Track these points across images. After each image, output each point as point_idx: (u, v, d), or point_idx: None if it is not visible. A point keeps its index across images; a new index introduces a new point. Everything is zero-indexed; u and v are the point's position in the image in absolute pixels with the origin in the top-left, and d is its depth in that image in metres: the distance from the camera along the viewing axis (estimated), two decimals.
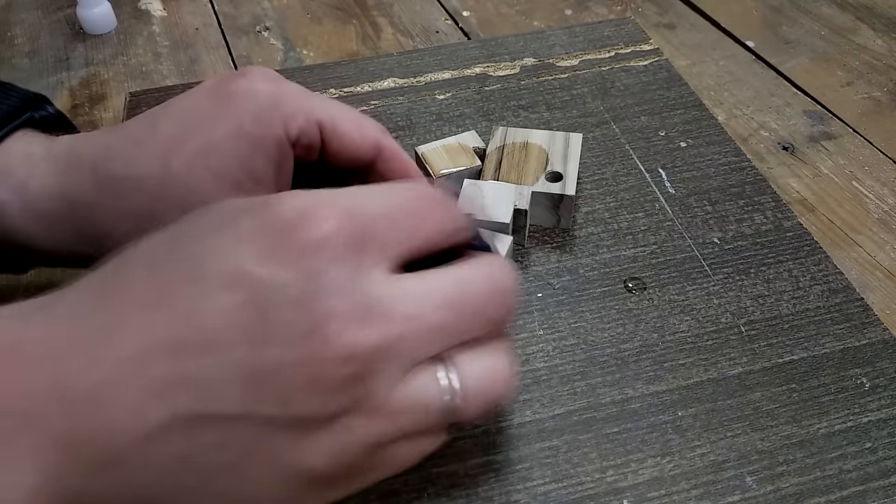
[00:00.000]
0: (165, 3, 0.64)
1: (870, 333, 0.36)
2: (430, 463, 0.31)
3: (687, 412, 0.33)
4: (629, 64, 0.53)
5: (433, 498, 0.30)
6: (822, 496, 0.30)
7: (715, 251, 0.40)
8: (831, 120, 0.50)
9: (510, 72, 0.52)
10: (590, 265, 0.39)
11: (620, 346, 0.36)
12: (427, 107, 0.49)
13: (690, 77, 0.53)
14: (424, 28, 0.60)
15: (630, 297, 0.38)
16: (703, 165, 0.45)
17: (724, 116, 0.50)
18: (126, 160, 0.30)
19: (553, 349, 0.35)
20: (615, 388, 0.34)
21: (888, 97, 0.52)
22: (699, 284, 0.38)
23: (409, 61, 0.53)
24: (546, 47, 0.54)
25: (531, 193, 0.39)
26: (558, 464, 0.31)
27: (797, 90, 0.53)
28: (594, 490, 0.31)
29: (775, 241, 0.40)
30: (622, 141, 0.46)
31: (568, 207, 0.40)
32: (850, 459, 0.31)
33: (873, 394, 0.34)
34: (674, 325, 0.36)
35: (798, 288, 0.38)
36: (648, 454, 0.32)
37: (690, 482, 0.31)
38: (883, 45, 0.57)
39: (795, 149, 0.48)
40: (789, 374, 0.34)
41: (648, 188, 0.43)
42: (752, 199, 0.43)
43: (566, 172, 0.40)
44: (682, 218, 0.42)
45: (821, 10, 0.60)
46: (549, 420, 0.33)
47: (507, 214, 0.37)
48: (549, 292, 0.38)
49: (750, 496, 0.30)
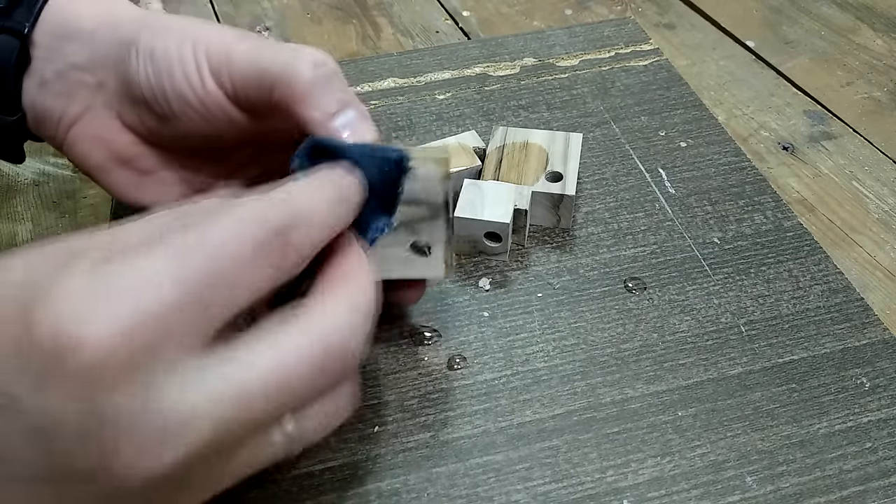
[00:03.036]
0: (165, 3, 0.64)
1: (870, 333, 0.36)
2: (430, 463, 0.31)
3: (687, 412, 0.33)
4: (629, 64, 0.53)
5: (433, 498, 0.30)
6: (822, 496, 0.30)
7: (715, 251, 0.40)
8: (831, 120, 0.50)
9: (510, 72, 0.52)
10: (590, 265, 0.39)
11: (620, 346, 0.36)
12: (427, 107, 0.49)
13: (690, 77, 0.53)
14: (424, 28, 0.60)
15: (630, 297, 0.38)
16: (703, 165, 0.45)
17: (724, 116, 0.50)
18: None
19: (553, 349, 0.35)
20: (615, 388, 0.34)
21: (888, 97, 0.52)
22: (699, 284, 0.38)
23: (409, 61, 0.53)
24: (546, 47, 0.54)
25: (531, 193, 0.39)
26: (558, 464, 0.31)
27: (797, 90, 0.53)
28: (594, 490, 0.31)
29: (775, 241, 0.40)
30: (622, 141, 0.46)
31: (568, 207, 0.40)
32: (850, 459, 0.31)
33: (873, 394, 0.34)
34: (674, 325, 0.36)
35: (798, 288, 0.38)
36: (648, 454, 0.32)
37: (690, 482, 0.31)
38: (883, 45, 0.57)
39: (795, 149, 0.48)
40: (789, 374, 0.34)
41: (648, 188, 0.43)
42: (752, 199, 0.43)
43: (566, 172, 0.40)
44: (682, 218, 0.42)
45: (821, 10, 0.60)
46: (549, 420, 0.33)
47: (507, 214, 0.37)
48: (549, 292, 0.38)
49: (750, 496, 0.30)
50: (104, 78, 0.32)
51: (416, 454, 0.32)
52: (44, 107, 0.32)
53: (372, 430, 0.32)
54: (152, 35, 0.31)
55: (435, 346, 0.36)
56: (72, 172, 0.47)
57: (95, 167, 0.33)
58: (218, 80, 0.30)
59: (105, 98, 0.32)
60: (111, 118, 0.33)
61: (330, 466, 0.31)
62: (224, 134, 0.32)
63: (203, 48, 0.30)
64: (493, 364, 0.35)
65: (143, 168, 0.34)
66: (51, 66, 0.32)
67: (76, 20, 0.32)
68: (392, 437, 0.32)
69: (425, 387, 0.34)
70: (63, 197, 0.46)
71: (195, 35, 0.30)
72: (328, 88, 0.29)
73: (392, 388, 0.34)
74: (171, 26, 0.31)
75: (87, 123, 0.33)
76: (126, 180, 0.34)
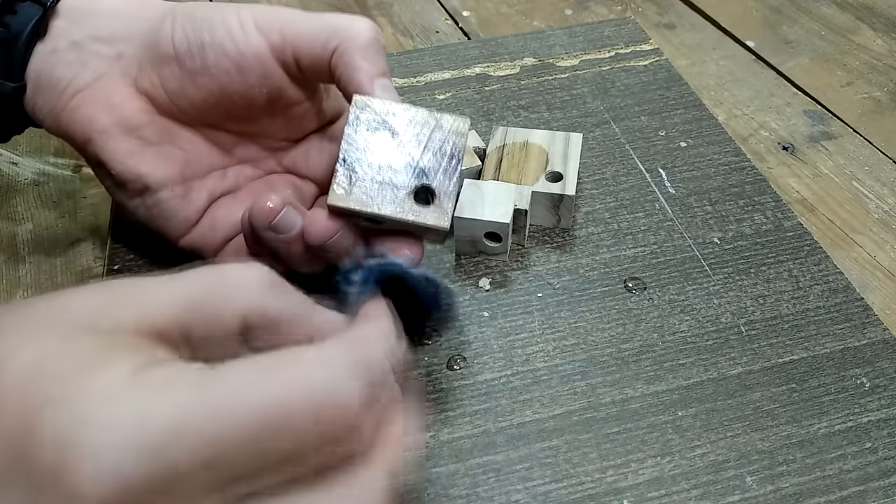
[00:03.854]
0: None
1: (870, 333, 0.36)
2: (430, 463, 0.31)
3: (687, 412, 0.33)
4: (629, 64, 0.53)
5: (433, 498, 0.30)
6: (822, 496, 0.30)
7: (715, 251, 0.40)
8: (831, 120, 0.50)
9: (510, 72, 0.52)
10: (590, 265, 0.39)
11: (620, 346, 0.36)
12: (427, 107, 0.49)
13: (690, 77, 0.53)
14: (424, 28, 0.60)
15: (630, 297, 0.38)
16: (703, 165, 0.45)
17: (724, 116, 0.50)
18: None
19: (553, 349, 0.35)
20: (615, 388, 0.34)
21: (888, 97, 0.52)
22: (699, 284, 0.38)
23: (409, 61, 0.53)
24: (546, 47, 0.54)
25: (531, 193, 0.39)
26: (558, 464, 0.31)
27: (797, 90, 0.53)
28: (594, 490, 0.31)
29: (775, 241, 0.40)
30: (622, 141, 0.46)
31: (568, 207, 0.40)
32: (850, 459, 0.31)
33: (873, 394, 0.34)
34: (674, 325, 0.36)
35: (798, 288, 0.38)
36: (648, 454, 0.32)
37: (690, 482, 0.31)
38: (883, 45, 0.57)
39: (795, 149, 0.48)
40: (789, 374, 0.34)
41: (648, 188, 0.43)
42: (752, 199, 0.43)
43: (566, 172, 0.40)
44: (682, 218, 0.42)
45: (821, 10, 0.60)
46: (549, 420, 0.33)
47: (507, 214, 0.37)
48: (549, 292, 0.38)
49: (750, 496, 0.30)
50: (124, 49, 0.33)
51: (417, 454, 0.32)
52: (50, 74, 0.33)
53: None
54: (192, 7, 0.33)
55: (435, 346, 0.36)
56: (72, 172, 0.47)
57: (99, 131, 0.33)
58: (266, 34, 0.32)
59: (123, 66, 0.33)
60: (126, 85, 0.33)
61: None
62: (250, 91, 0.33)
63: (248, 11, 0.32)
64: (493, 364, 0.35)
65: (146, 137, 0.34)
66: (68, 36, 0.33)
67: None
68: None
69: (425, 387, 0.34)
70: (63, 197, 0.46)
71: (237, 4, 0.33)
72: (382, 51, 0.32)
73: None
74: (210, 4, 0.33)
75: (96, 90, 0.33)
76: (126, 147, 0.33)
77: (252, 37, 0.32)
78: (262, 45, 0.32)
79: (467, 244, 0.39)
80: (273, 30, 0.32)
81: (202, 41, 0.32)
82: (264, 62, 0.32)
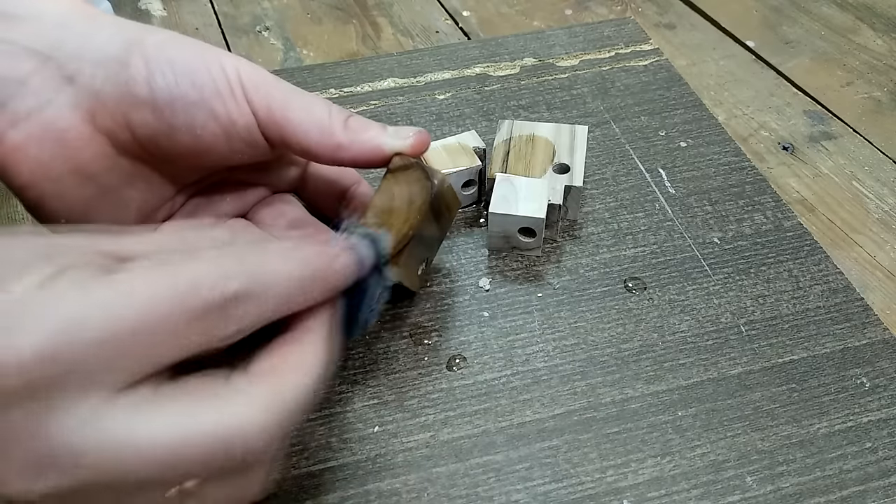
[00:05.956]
0: (165, 3, 0.64)
1: (870, 333, 0.36)
2: (430, 463, 0.31)
3: (687, 412, 0.33)
4: (629, 64, 0.53)
5: (433, 498, 0.30)
6: (822, 496, 0.30)
7: (715, 251, 0.40)
8: (831, 120, 0.50)
9: (510, 72, 0.52)
10: (590, 265, 0.39)
11: (620, 346, 0.36)
12: (427, 107, 0.49)
13: (690, 77, 0.53)
14: (424, 28, 0.60)
15: (630, 297, 0.38)
16: (703, 165, 0.45)
17: (724, 116, 0.50)
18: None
19: (553, 349, 0.35)
20: (615, 388, 0.34)
21: (888, 97, 0.52)
22: (699, 284, 0.38)
23: (409, 61, 0.53)
24: (546, 47, 0.54)
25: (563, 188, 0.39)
26: (558, 464, 0.31)
27: (797, 90, 0.53)
28: (594, 490, 0.31)
29: (775, 241, 0.40)
30: (622, 141, 0.46)
31: (576, 198, 0.40)
32: (850, 459, 0.31)
33: (873, 394, 0.34)
34: (674, 325, 0.36)
35: (798, 288, 0.38)
36: (648, 454, 0.32)
37: (690, 482, 0.31)
38: (883, 45, 0.57)
39: (795, 149, 0.48)
40: (789, 374, 0.34)
41: (648, 188, 0.43)
42: (752, 199, 0.43)
43: (573, 164, 0.40)
44: (682, 218, 0.42)
45: (821, 10, 0.60)
46: (549, 420, 0.33)
47: (542, 209, 0.37)
48: (549, 292, 0.38)
49: (750, 496, 0.30)
50: (74, 71, 0.28)
51: (416, 454, 0.32)
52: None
53: (372, 430, 0.32)
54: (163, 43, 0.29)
55: (435, 346, 0.36)
56: None
57: (52, 179, 0.28)
58: (255, 105, 0.29)
59: (75, 95, 0.28)
60: (81, 121, 0.28)
61: (330, 466, 0.31)
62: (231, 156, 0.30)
63: (233, 66, 0.29)
64: (493, 364, 0.35)
65: (105, 184, 0.30)
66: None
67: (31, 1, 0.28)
68: (392, 437, 0.32)
69: (425, 387, 0.34)
70: None
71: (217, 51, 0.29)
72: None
73: (392, 388, 0.34)
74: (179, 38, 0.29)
75: (44, 124, 0.27)
76: (81, 197, 0.29)
77: (242, 105, 0.29)
78: (252, 119, 0.29)
79: (500, 240, 0.39)
80: (262, 106, 0.29)
81: (187, 97, 0.28)
82: (253, 134, 0.30)
